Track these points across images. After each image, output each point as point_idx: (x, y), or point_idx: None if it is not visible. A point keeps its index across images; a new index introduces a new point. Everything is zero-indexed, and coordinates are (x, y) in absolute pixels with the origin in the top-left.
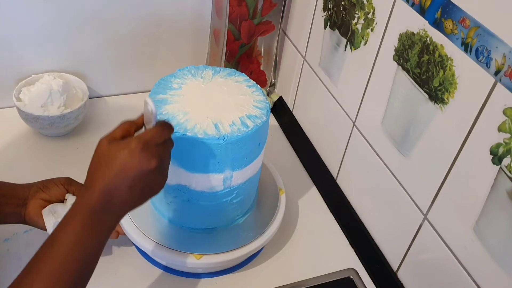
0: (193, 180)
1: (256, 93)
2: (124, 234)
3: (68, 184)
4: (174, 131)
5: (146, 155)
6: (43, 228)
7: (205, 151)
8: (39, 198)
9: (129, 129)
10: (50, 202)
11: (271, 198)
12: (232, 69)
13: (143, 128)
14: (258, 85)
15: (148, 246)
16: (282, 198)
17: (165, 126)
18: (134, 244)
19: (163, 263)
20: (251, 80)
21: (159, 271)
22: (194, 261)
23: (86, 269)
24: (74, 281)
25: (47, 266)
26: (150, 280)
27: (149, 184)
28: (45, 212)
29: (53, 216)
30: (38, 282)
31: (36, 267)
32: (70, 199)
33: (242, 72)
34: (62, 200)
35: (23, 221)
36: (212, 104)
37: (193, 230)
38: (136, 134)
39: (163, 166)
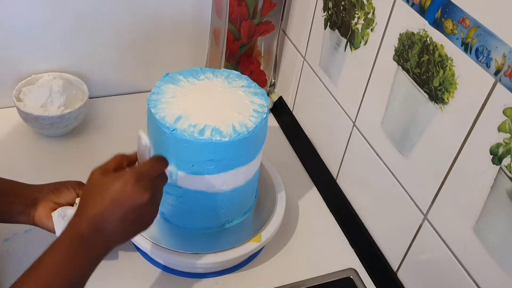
0: None
1: (251, 118)
2: None
3: (79, 188)
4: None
5: (140, 188)
6: (52, 231)
7: (157, 133)
8: (49, 200)
9: (122, 162)
10: (60, 205)
11: (270, 198)
12: (264, 91)
13: (136, 163)
14: (265, 114)
15: (146, 245)
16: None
17: (160, 160)
18: (133, 244)
19: (162, 262)
20: (266, 107)
21: (159, 271)
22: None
23: None
24: None
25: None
26: (150, 280)
27: (140, 216)
28: (55, 214)
29: (62, 219)
30: None
31: None
32: None
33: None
34: (72, 204)
35: (32, 222)
36: (203, 104)
37: (193, 230)
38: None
39: (156, 199)
